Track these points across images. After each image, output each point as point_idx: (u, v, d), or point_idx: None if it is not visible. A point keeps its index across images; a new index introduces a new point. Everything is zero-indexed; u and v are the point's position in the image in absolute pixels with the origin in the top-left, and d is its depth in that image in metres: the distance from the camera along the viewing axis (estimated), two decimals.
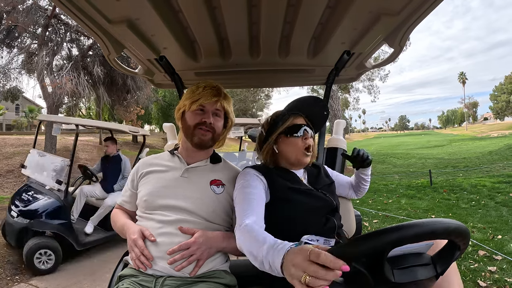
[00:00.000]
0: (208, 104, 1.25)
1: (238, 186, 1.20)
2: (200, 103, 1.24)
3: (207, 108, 1.26)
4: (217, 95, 1.26)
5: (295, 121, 1.30)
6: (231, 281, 1.21)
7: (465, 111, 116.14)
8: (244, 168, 1.30)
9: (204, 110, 1.26)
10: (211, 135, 1.27)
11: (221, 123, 1.31)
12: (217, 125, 1.29)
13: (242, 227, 1.00)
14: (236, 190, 1.20)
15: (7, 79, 12.00)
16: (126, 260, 1.26)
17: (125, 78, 12.86)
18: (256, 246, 0.87)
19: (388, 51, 1.43)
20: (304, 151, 1.27)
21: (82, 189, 4.53)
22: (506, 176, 8.54)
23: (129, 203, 1.36)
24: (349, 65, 1.63)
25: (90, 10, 1.01)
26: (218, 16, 1.13)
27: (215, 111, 1.27)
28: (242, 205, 1.10)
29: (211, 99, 1.25)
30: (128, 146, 21.00)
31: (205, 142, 1.26)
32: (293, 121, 1.29)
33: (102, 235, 4.35)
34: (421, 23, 1.10)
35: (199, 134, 1.25)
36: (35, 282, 3.45)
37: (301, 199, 1.21)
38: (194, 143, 1.27)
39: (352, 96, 24.45)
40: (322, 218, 1.21)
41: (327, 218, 1.22)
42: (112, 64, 1.40)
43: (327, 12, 1.12)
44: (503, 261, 3.37)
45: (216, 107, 1.27)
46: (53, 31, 11.39)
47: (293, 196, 1.21)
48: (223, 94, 1.29)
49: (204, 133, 1.25)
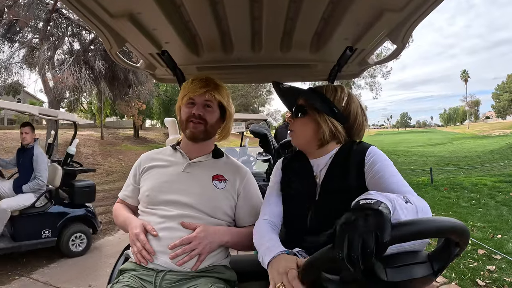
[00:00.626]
0: (197, 96, 1.25)
1: (270, 181, 1.28)
2: (189, 96, 1.25)
3: (196, 101, 1.26)
4: (205, 86, 1.25)
5: None
6: (231, 276, 1.22)
7: (467, 109, 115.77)
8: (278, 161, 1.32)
9: (194, 102, 1.26)
10: (203, 127, 1.26)
11: (214, 114, 1.29)
12: (209, 116, 1.27)
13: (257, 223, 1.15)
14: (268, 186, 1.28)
15: (9, 74, 12.01)
16: (127, 254, 1.27)
17: (127, 72, 12.86)
18: (259, 242, 1.05)
19: (391, 47, 1.43)
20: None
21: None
22: (507, 175, 8.53)
23: (131, 197, 1.37)
24: (352, 61, 1.62)
25: (91, 4, 1.00)
26: (220, 10, 1.12)
27: (204, 102, 1.26)
28: (263, 202, 1.25)
29: (199, 91, 1.25)
30: (129, 140, 21.03)
31: (197, 134, 1.26)
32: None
33: (8, 245, 3.56)
34: (424, 19, 1.09)
35: (191, 127, 1.25)
36: (36, 276, 3.47)
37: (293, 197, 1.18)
38: (188, 137, 1.28)
39: (354, 92, 24.40)
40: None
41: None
42: (114, 59, 1.39)
43: (329, 7, 1.11)
44: (502, 261, 3.38)
45: (205, 98, 1.26)
46: (55, 25, 11.38)
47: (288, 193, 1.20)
48: (213, 85, 1.28)
49: (195, 126, 1.25)
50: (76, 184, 4.22)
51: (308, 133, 1.14)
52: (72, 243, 4.04)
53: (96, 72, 11.64)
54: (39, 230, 3.80)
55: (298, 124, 1.16)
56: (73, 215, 4.09)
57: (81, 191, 4.20)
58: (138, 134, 23.31)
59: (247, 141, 7.53)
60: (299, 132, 1.17)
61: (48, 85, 11.37)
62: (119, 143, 19.17)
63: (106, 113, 23.42)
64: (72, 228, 4.05)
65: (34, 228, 3.78)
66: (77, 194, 4.18)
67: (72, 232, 4.03)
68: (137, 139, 22.29)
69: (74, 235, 4.05)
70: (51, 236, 3.88)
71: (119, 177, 11.94)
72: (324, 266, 0.74)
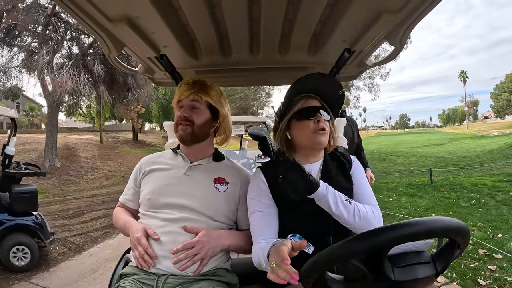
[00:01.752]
0: (184, 98, 1.27)
1: (249, 196, 1.20)
2: (178, 99, 1.28)
3: (183, 103, 1.27)
4: (191, 88, 1.25)
5: (307, 103, 1.18)
6: (232, 280, 1.22)
7: (466, 110, 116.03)
8: (252, 178, 1.26)
9: (182, 105, 1.27)
10: (190, 128, 1.25)
11: (202, 115, 1.27)
12: (196, 117, 1.25)
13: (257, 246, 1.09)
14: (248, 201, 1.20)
15: (8, 78, 12.02)
16: (127, 258, 1.26)
17: (126, 76, 12.87)
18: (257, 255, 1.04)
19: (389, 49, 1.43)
20: (318, 131, 1.15)
21: None
22: (507, 175, 8.52)
23: (132, 201, 1.36)
24: (350, 63, 1.62)
25: (90, 8, 1.01)
26: (218, 13, 1.13)
27: (191, 103, 1.26)
28: (254, 227, 1.15)
29: (185, 93, 1.26)
30: (129, 144, 21.03)
31: (184, 136, 1.25)
32: (304, 104, 1.18)
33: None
34: (422, 20, 1.10)
35: (179, 129, 1.26)
36: (36, 280, 3.46)
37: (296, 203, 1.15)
38: (178, 139, 1.29)
39: (353, 94, 24.45)
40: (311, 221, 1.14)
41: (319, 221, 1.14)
42: (113, 63, 1.40)
43: (327, 9, 1.11)
44: (503, 260, 3.37)
45: (191, 99, 1.26)
46: (53, 29, 11.40)
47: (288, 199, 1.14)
48: (199, 86, 1.26)
49: (183, 128, 1.25)
50: (14, 188, 3.72)
51: None
52: (13, 256, 3.57)
53: (95, 76, 11.64)
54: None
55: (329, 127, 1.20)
56: (10, 224, 3.61)
57: (20, 197, 3.70)
58: (137, 138, 23.30)
59: (246, 144, 7.53)
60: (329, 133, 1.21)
61: (47, 89, 11.37)
62: (118, 147, 19.16)
63: (105, 117, 23.44)
64: (13, 239, 3.59)
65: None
66: (16, 200, 3.67)
67: (13, 243, 3.57)
68: (136, 143, 22.28)
69: (16, 247, 3.58)
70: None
71: (118, 180, 11.93)
72: (330, 265, 0.74)
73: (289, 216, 1.15)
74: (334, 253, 0.71)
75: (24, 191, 3.76)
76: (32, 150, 13.72)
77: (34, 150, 13.70)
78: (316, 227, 1.13)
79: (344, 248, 0.69)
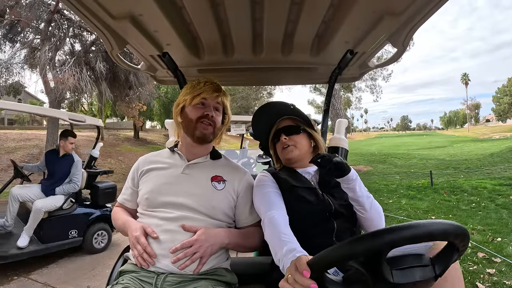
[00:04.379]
0: (210, 98, 1.28)
1: (256, 191, 1.28)
2: (202, 97, 1.26)
3: (208, 102, 1.28)
4: (218, 90, 1.30)
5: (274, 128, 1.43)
6: (231, 279, 1.22)
7: (467, 113, 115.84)
8: (258, 174, 1.36)
9: (205, 104, 1.28)
10: (212, 129, 1.29)
11: (220, 118, 1.34)
12: (218, 119, 1.31)
13: (267, 220, 1.11)
14: (255, 195, 1.27)
15: (10, 74, 12.01)
16: (126, 256, 1.26)
17: (128, 74, 12.86)
18: (278, 245, 1.02)
19: (392, 50, 1.44)
20: (283, 150, 1.36)
21: (11, 192, 3.86)
22: (507, 179, 8.52)
23: (130, 201, 1.36)
24: (352, 64, 1.63)
25: (93, 6, 1.01)
26: (221, 12, 1.13)
27: (215, 105, 1.30)
28: (263, 202, 1.21)
29: (213, 93, 1.28)
30: (130, 142, 21.03)
31: (207, 135, 1.28)
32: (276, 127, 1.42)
33: (37, 247, 3.65)
34: (425, 22, 1.10)
35: (201, 127, 1.26)
36: (35, 276, 3.47)
37: (299, 198, 1.23)
38: (196, 137, 1.28)
39: (355, 95, 24.48)
40: (319, 219, 1.20)
41: (326, 220, 1.20)
42: (115, 60, 1.40)
43: (330, 10, 1.11)
44: (502, 264, 3.37)
45: (217, 101, 1.30)
46: (56, 26, 11.40)
47: (292, 195, 1.24)
48: (223, 90, 1.34)
49: (205, 127, 1.26)
50: (100, 185, 4.46)
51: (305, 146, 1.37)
52: (95, 241, 4.28)
53: (97, 73, 11.64)
54: (66, 231, 4.01)
55: (296, 140, 1.36)
56: (97, 215, 4.32)
57: (105, 192, 4.46)
58: (139, 136, 23.29)
59: (247, 143, 7.53)
60: (299, 146, 1.36)
61: (49, 85, 11.37)
62: (119, 144, 19.16)
63: (107, 114, 23.42)
64: (96, 226, 4.29)
65: (62, 229, 3.97)
66: (100, 195, 4.42)
67: (96, 230, 4.28)
68: (137, 141, 22.27)
69: (97, 233, 4.29)
70: (77, 236, 4.10)
71: (119, 178, 11.93)
72: (329, 266, 0.74)
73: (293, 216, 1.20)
74: (333, 255, 0.71)
75: (107, 187, 4.51)
76: (33, 146, 13.73)
77: (35, 146, 13.71)
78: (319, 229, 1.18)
79: (343, 249, 0.69)
